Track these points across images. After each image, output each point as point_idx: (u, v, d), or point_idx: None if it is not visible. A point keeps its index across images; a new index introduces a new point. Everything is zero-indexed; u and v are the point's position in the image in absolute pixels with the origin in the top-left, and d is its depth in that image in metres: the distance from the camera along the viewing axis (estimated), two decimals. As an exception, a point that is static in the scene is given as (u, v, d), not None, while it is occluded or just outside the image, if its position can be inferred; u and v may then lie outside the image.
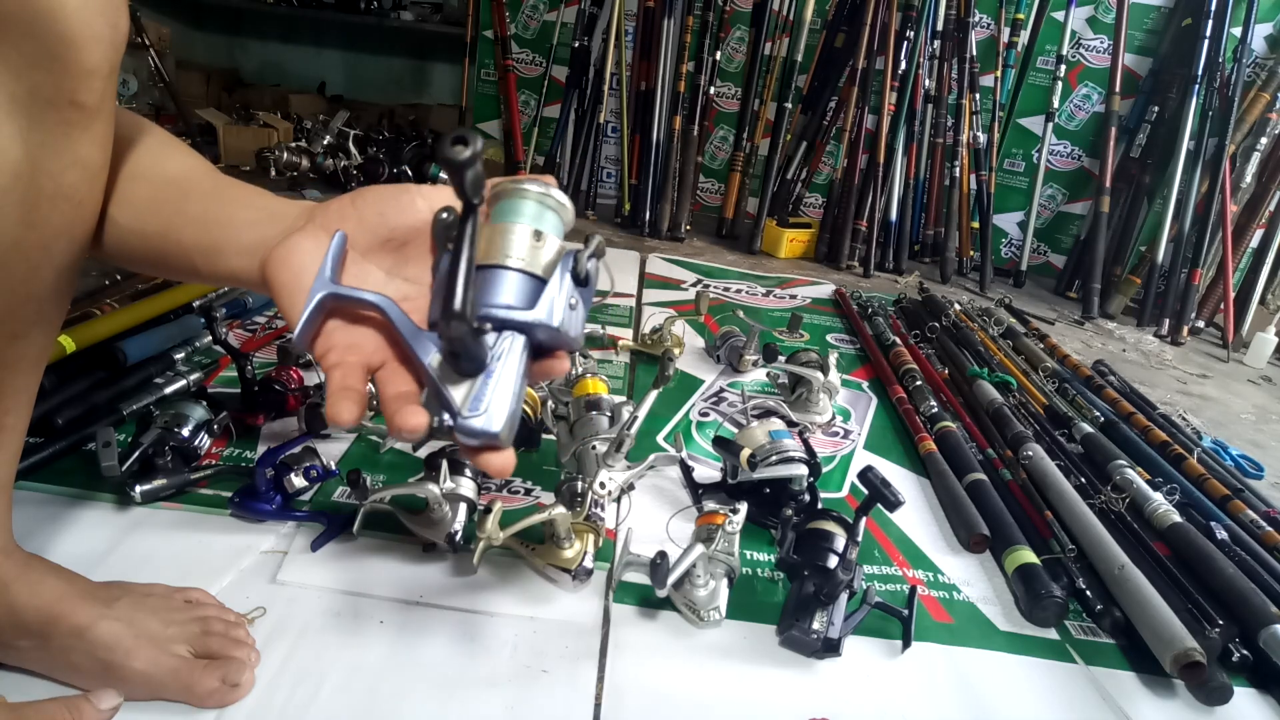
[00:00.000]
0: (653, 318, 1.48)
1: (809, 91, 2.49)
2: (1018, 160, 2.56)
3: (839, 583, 0.68)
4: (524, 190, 0.42)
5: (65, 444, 0.80)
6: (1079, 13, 2.39)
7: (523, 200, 0.42)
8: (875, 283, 2.18)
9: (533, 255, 0.41)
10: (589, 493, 0.80)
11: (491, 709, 0.59)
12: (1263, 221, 2.23)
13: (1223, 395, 1.73)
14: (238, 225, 0.46)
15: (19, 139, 0.38)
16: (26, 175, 0.39)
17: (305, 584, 0.68)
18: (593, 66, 2.49)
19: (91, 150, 0.42)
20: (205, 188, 0.48)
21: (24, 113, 0.38)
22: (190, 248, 0.46)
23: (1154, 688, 0.72)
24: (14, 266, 0.42)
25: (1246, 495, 1.06)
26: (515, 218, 0.41)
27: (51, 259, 0.44)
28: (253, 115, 2.56)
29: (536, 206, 0.42)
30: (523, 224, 0.41)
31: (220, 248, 0.45)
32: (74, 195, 0.42)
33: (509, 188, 0.42)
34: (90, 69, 0.39)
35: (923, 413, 1.18)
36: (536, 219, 0.42)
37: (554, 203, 0.43)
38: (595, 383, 0.97)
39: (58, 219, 0.42)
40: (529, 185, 0.42)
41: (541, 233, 0.42)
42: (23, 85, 0.37)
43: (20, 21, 0.36)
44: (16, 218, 0.40)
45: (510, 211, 0.42)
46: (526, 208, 0.42)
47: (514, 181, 0.42)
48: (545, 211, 0.42)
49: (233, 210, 0.47)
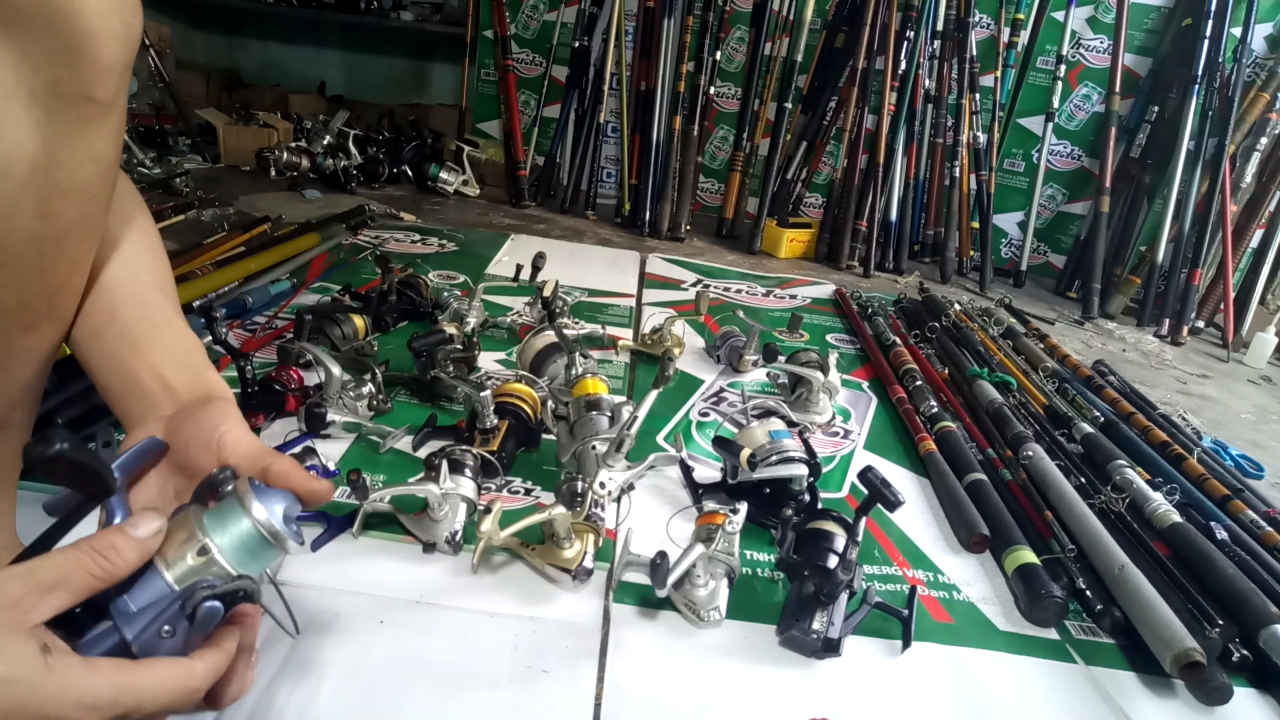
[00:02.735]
0: (653, 318, 1.48)
1: (809, 91, 2.49)
2: (1018, 160, 2.55)
3: (839, 583, 0.68)
4: (247, 512, 0.41)
5: (65, 444, 0.80)
6: (1079, 13, 2.39)
7: (241, 518, 0.41)
8: (875, 283, 2.18)
9: (191, 570, 0.40)
10: (589, 493, 0.80)
11: (491, 709, 0.59)
12: (1263, 221, 2.23)
13: (1223, 395, 1.73)
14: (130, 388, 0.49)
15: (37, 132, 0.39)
16: (43, 168, 0.40)
17: (305, 584, 0.68)
18: (593, 66, 2.49)
19: (105, 145, 0.43)
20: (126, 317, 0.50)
21: (42, 106, 0.39)
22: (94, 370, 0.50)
23: (1154, 688, 0.72)
24: (28, 259, 0.42)
25: (1246, 495, 1.06)
26: (217, 529, 0.41)
27: (64, 252, 0.44)
28: (253, 115, 2.56)
29: (247, 536, 0.41)
30: (211, 540, 0.41)
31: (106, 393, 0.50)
32: (88, 189, 0.43)
33: (244, 499, 0.42)
34: (107, 65, 0.40)
35: (923, 413, 1.18)
36: (237, 550, 0.41)
37: (272, 543, 0.42)
38: (595, 383, 0.97)
39: (71, 212, 0.43)
40: (255, 511, 0.41)
41: (206, 550, 0.40)
42: (42, 79, 0.38)
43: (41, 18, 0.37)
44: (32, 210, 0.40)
45: (222, 519, 0.42)
46: (236, 528, 0.41)
47: (252, 497, 0.41)
48: (256, 547, 0.42)
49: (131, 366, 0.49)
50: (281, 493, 0.43)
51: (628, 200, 2.41)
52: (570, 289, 1.60)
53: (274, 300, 1.32)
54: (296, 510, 0.43)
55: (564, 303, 1.35)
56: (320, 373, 0.94)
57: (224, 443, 0.44)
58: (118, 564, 0.38)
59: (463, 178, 2.48)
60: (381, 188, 2.40)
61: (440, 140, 2.65)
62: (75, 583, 0.37)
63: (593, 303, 1.57)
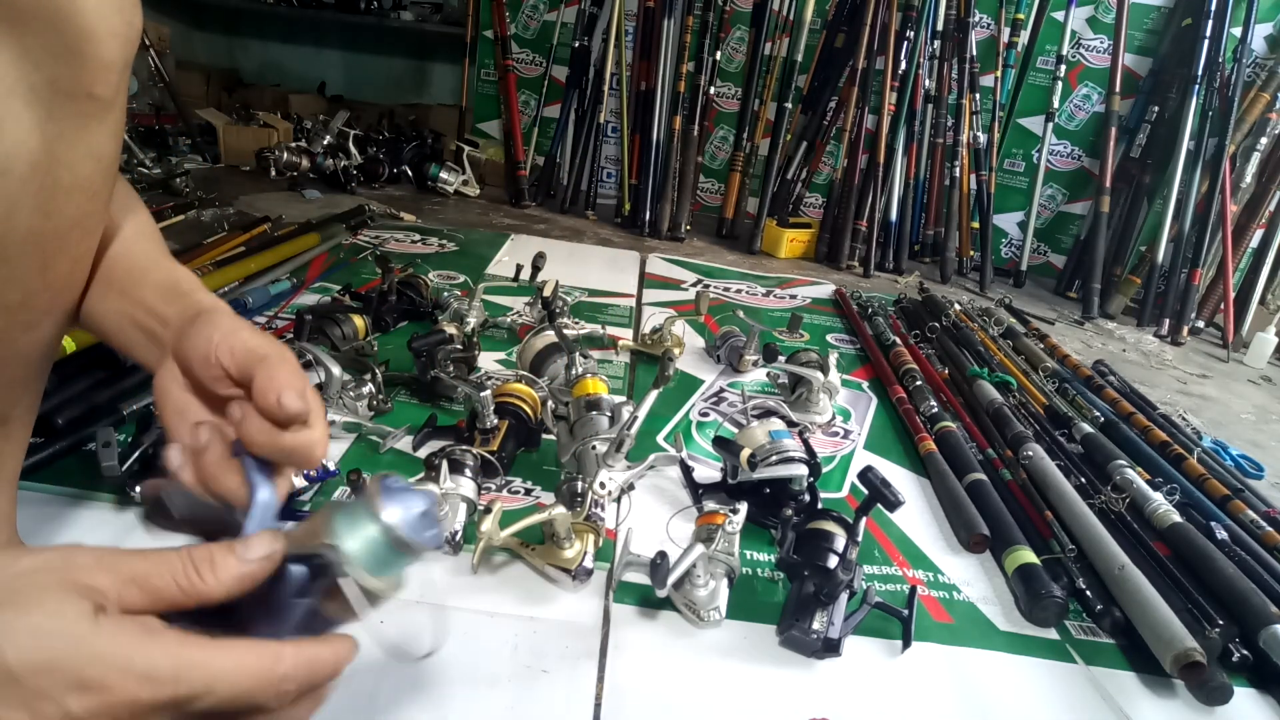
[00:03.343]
0: (653, 318, 1.48)
1: (809, 91, 2.49)
2: (1018, 160, 2.55)
3: (839, 583, 0.68)
4: (375, 516, 0.36)
5: (65, 444, 0.80)
6: (1079, 13, 2.39)
7: (369, 523, 0.37)
8: (875, 283, 2.18)
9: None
10: (589, 493, 0.80)
11: (491, 709, 0.59)
12: (1263, 221, 2.23)
13: (1223, 395, 1.73)
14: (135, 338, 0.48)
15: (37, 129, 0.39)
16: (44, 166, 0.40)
17: (305, 584, 0.68)
18: (593, 66, 2.49)
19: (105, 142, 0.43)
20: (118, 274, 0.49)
21: (43, 104, 0.39)
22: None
23: (1154, 688, 0.72)
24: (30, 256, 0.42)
25: (1246, 495, 1.06)
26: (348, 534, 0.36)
27: (66, 249, 0.44)
28: (253, 115, 2.56)
29: (378, 542, 0.37)
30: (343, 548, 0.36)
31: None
32: (89, 186, 0.43)
33: (371, 501, 0.37)
34: (107, 62, 0.40)
35: (923, 413, 1.18)
36: (370, 557, 0.36)
37: (407, 550, 0.37)
38: (595, 383, 0.97)
39: (73, 210, 0.43)
40: (385, 515, 0.36)
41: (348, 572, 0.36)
42: (42, 76, 0.38)
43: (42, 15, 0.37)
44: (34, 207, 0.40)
45: (352, 522, 0.37)
46: (365, 533, 0.36)
47: (378, 498, 0.37)
48: (388, 554, 0.37)
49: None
50: (418, 493, 0.38)
51: (628, 200, 2.41)
52: (570, 289, 1.60)
53: (274, 300, 1.32)
54: (434, 510, 0.38)
55: (564, 303, 1.35)
56: (320, 373, 0.94)
57: (218, 352, 0.42)
58: (210, 586, 0.33)
59: (463, 178, 2.48)
60: (381, 188, 2.40)
61: (440, 140, 2.65)
62: (156, 585, 0.32)
63: (593, 303, 1.57)
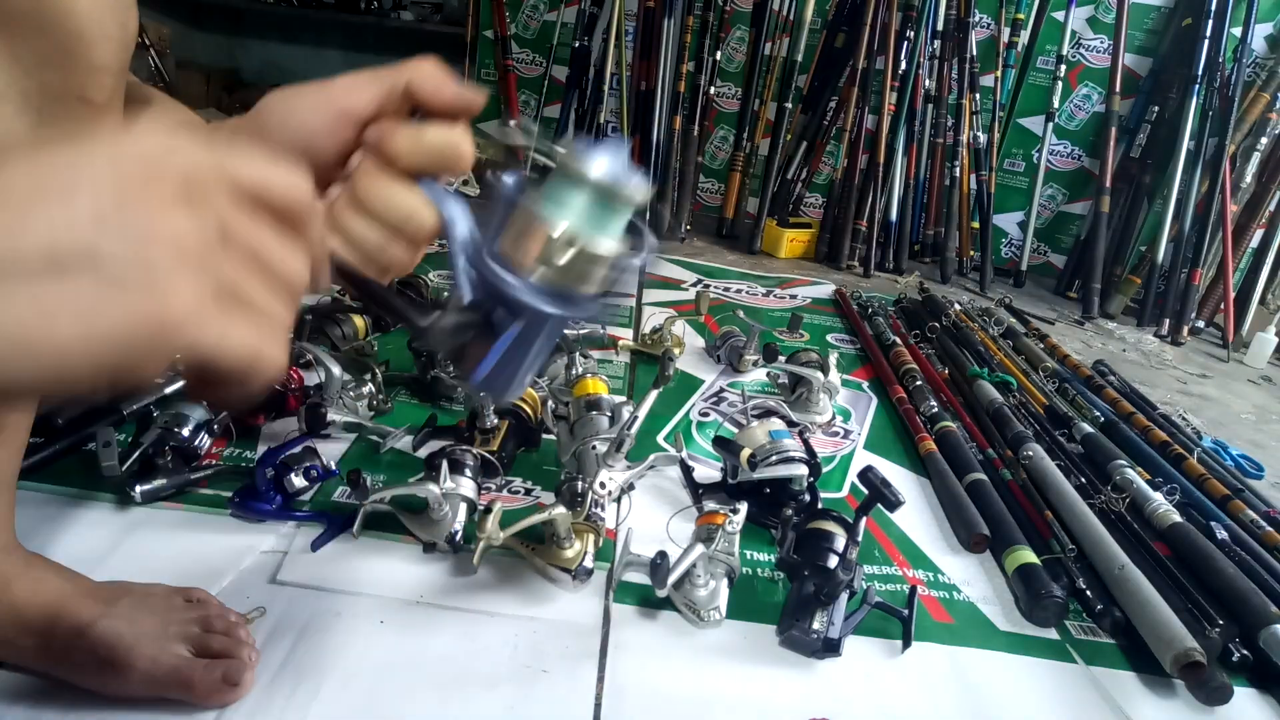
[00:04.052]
0: (653, 318, 1.48)
1: (809, 91, 2.49)
2: (1018, 160, 2.55)
3: (839, 583, 0.68)
4: (580, 177, 0.35)
5: (65, 444, 0.80)
6: (1079, 13, 2.38)
7: (575, 190, 0.35)
8: (875, 283, 2.18)
9: (564, 270, 0.35)
10: (589, 493, 0.80)
11: (491, 709, 0.59)
12: (1263, 221, 2.23)
13: (1223, 395, 1.73)
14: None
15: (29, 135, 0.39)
16: None
17: (305, 584, 0.68)
18: (593, 66, 2.49)
19: None
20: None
21: (35, 109, 0.38)
22: None
23: (1154, 688, 0.72)
24: None
25: (1246, 495, 1.06)
26: (560, 211, 0.35)
27: None
28: (253, 115, 2.55)
29: (592, 201, 0.35)
30: (558, 228, 0.34)
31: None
32: None
33: (565, 165, 0.35)
34: (100, 66, 0.39)
35: (923, 413, 1.18)
36: (588, 220, 0.35)
37: (617, 197, 0.35)
38: (595, 383, 0.97)
39: None
40: (587, 170, 0.34)
41: (582, 247, 0.35)
42: (34, 81, 0.38)
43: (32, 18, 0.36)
44: None
45: (558, 200, 0.35)
46: (577, 200, 0.35)
47: (573, 157, 0.35)
48: (604, 208, 0.35)
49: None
50: (602, 147, 0.35)
51: (628, 200, 2.41)
52: (570, 289, 1.59)
53: (274, 300, 1.31)
54: (622, 156, 0.36)
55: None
56: (320, 373, 0.94)
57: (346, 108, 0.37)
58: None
59: (463, 177, 2.48)
60: (381, 188, 2.40)
61: (440, 140, 2.64)
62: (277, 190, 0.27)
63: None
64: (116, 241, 0.22)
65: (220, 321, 0.24)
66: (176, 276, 0.23)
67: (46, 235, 0.22)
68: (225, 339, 0.25)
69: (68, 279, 0.22)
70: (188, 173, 0.24)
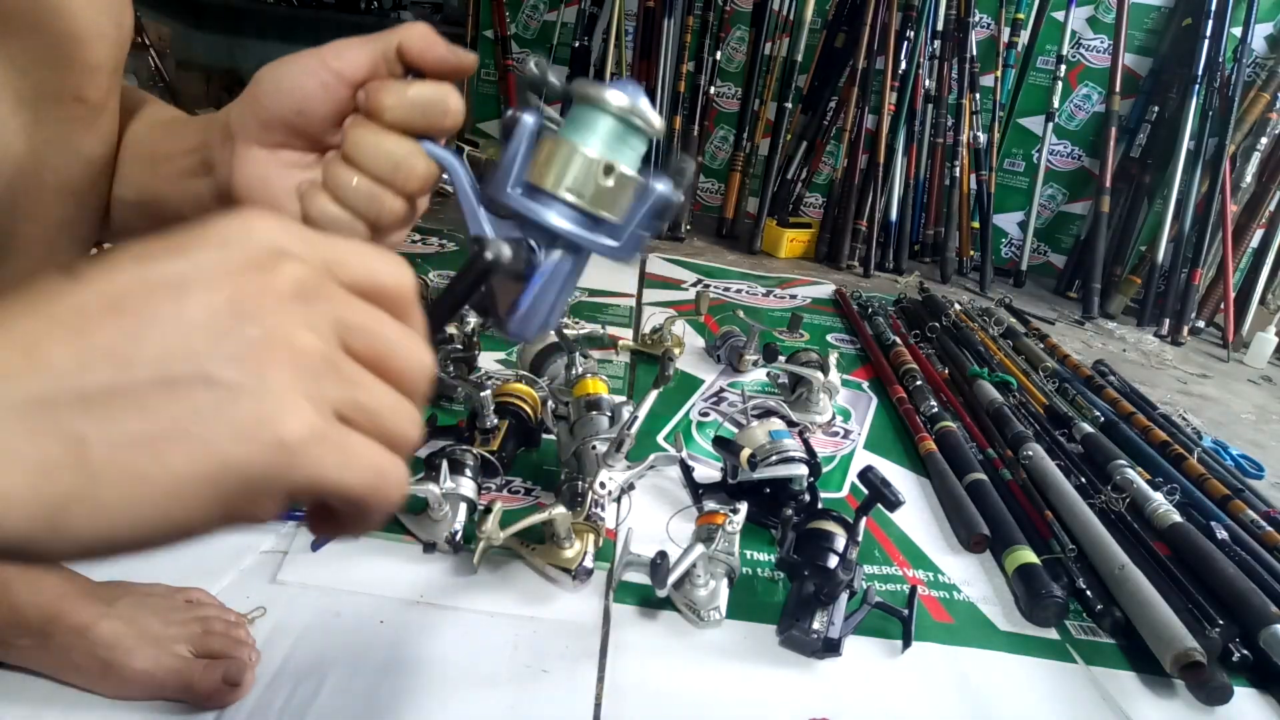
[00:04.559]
0: (653, 318, 1.48)
1: (809, 91, 2.49)
2: (1018, 160, 2.55)
3: (839, 583, 0.68)
4: (603, 103, 0.35)
5: (65, 444, 0.80)
6: (1079, 13, 2.38)
7: (600, 116, 0.35)
8: (875, 283, 2.18)
9: (596, 193, 0.35)
10: (589, 493, 0.80)
11: (491, 709, 0.59)
12: (1263, 221, 2.23)
13: (1223, 395, 1.73)
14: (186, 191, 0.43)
15: (24, 134, 0.38)
16: (31, 170, 0.39)
17: (305, 584, 0.68)
18: (593, 66, 2.49)
19: (95, 146, 0.42)
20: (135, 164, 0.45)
21: (29, 108, 0.38)
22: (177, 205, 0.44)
23: (1154, 688, 0.72)
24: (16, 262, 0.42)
25: (1247, 495, 1.06)
26: (586, 137, 0.35)
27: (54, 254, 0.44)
28: (253, 115, 2.55)
29: (616, 127, 0.35)
30: (589, 150, 0.35)
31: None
32: (78, 190, 0.42)
33: (588, 93, 0.36)
34: (95, 65, 0.39)
35: (923, 413, 1.18)
36: (612, 146, 0.35)
37: (639, 122, 0.36)
38: (595, 383, 0.97)
39: (61, 214, 0.42)
40: (610, 97, 0.35)
41: (613, 167, 0.35)
42: (29, 81, 0.38)
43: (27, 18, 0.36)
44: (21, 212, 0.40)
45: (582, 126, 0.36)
46: (602, 125, 0.35)
47: (594, 87, 0.35)
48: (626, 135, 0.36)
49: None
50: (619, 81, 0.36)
51: (628, 200, 2.41)
52: (570, 289, 1.59)
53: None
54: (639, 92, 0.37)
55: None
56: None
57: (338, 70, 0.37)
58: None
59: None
60: (381, 188, 2.40)
61: (440, 140, 2.65)
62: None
63: (593, 303, 1.57)
64: (230, 357, 0.20)
65: (343, 443, 0.22)
66: (295, 393, 0.20)
67: (159, 352, 0.19)
68: (347, 465, 0.22)
69: (178, 402, 0.19)
70: (301, 266, 0.22)
